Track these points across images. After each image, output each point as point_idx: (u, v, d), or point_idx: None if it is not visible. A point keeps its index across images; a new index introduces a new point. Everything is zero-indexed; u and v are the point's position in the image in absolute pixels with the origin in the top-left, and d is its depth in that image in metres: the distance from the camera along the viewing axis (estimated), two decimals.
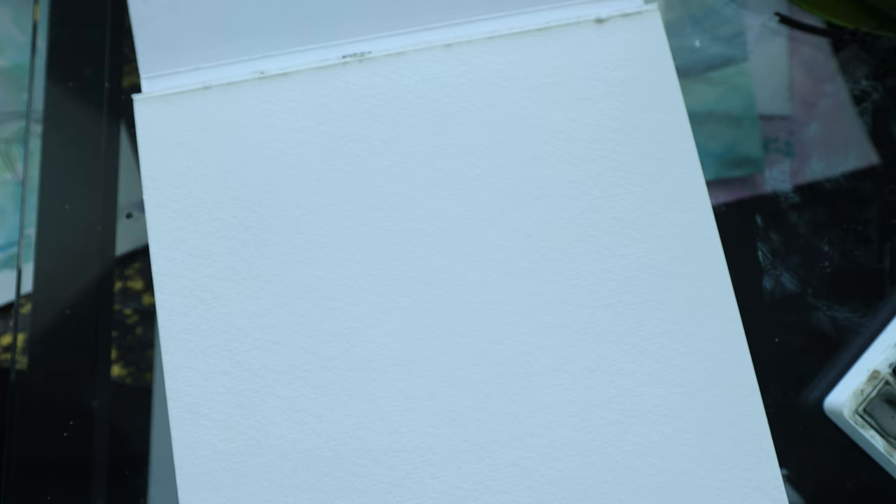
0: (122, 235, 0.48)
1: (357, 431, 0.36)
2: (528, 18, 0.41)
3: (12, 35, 0.53)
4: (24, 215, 0.47)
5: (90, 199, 0.48)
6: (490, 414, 0.36)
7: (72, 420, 0.45)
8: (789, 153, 0.50)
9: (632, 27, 0.40)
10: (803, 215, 0.49)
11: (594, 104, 0.39)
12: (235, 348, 0.36)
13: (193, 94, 0.39)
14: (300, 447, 0.35)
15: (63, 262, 0.47)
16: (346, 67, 0.40)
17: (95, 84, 0.49)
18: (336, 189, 0.38)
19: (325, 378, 0.36)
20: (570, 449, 0.36)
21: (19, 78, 0.52)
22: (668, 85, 0.40)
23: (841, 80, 0.51)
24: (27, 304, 0.47)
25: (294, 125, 0.39)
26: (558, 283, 0.37)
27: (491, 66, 0.40)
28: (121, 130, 0.49)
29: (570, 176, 0.39)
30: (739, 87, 0.51)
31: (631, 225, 0.38)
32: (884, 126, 0.50)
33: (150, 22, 0.40)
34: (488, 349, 0.36)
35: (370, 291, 0.37)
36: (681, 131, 0.39)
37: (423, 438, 0.36)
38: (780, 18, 0.51)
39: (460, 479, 0.35)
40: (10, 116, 0.52)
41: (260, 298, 0.37)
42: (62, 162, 0.48)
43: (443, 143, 0.39)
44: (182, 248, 0.38)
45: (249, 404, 0.36)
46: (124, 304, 0.49)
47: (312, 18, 0.40)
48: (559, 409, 0.36)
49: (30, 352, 0.46)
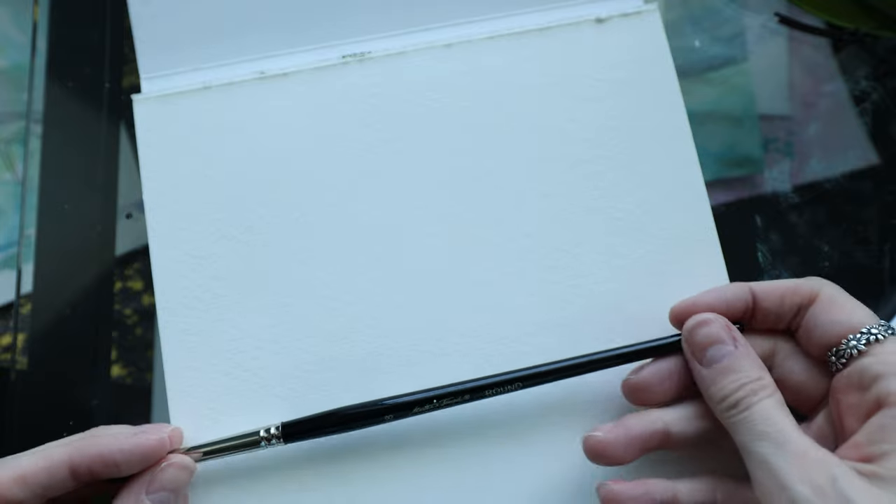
0: (122, 235, 0.48)
1: (357, 431, 0.36)
2: (528, 18, 0.41)
3: (12, 35, 0.53)
4: (24, 215, 0.47)
5: (90, 199, 0.48)
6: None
7: (72, 420, 0.45)
8: (789, 153, 0.50)
9: (631, 27, 0.40)
10: (803, 215, 0.49)
11: (594, 104, 0.39)
12: (235, 348, 0.36)
13: (193, 94, 0.39)
14: (300, 447, 0.35)
15: (63, 262, 0.47)
16: (346, 67, 0.40)
17: (95, 84, 0.49)
18: (336, 189, 0.38)
19: (325, 378, 0.36)
20: (573, 448, 0.36)
21: (19, 78, 0.52)
22: (668, 85, 0.40)
23: (841, 80, 0.51)
24: (27, 304, 0.47)
25: (294, 125, 0.39)
26: (558, 283, 0.37)
27: (491, 66, 0.40)
28: (121, 130, 0.49)
29: (571, 176, 0.39)
30: (739, 87, 0.51)
31: (631, 225, 0.38)
32: (884, 126, 0.50)
33: (150, 22, 0.40)
34: (488, 349, 0.36)
35: (370, 291, 0.37)
36: (681, 131, 0.39)
37: (424, 439, 0.36)
38: (779, 18, 0.51)
39: (461, 476, 0.35)
40: (10, 116, 0.52)
41: (260, 298, 0.37)
42: (62, 162, 0.48)
43: (443, 142, 0.39)
44: (182, 248, 0.38)
45: (249, 404, 0.36)
46: (124, 304, 0.49)
47: (312, 18, 0.41)
48: (559, 409, 0.36)
49: (30, 352, 0.46)
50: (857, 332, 0.31)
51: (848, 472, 0.28)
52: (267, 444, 0.34)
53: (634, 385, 0.34)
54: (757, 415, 0.30)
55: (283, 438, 0.34)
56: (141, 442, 0.32)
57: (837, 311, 0.32)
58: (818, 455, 0.29)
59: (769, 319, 0.34)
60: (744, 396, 0.31)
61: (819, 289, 0.33)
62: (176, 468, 0.33)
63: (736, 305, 0.34)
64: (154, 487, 0.32)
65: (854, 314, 0.32)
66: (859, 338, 0.31)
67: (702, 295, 0.34)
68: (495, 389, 0.34)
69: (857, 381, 0.31)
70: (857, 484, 0.28)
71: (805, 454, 0.29)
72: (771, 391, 0.31)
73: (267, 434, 0.34)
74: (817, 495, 0.28)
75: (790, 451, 0.29)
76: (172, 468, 0.32)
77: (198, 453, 0.34)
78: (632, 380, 0.34)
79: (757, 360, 0.33)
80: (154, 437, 0.33)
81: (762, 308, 0.34)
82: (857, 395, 0.30)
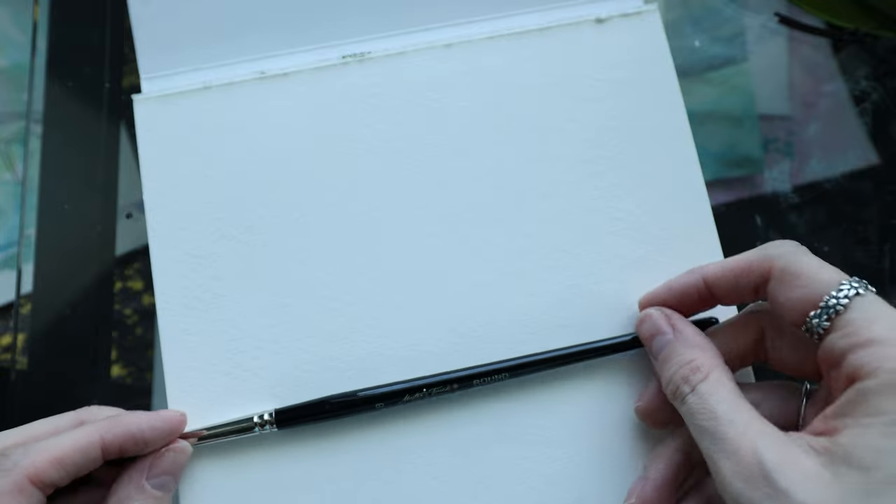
0: (122, 235, 0.48)
1: (357, 432, 0.36)
2: (528, 18, 0.41)
3: (12, 35, 0.53)
4: (24, 215, 0.47)
5: (90, 199, 0.48)
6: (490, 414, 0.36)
7: None
8: (789, 153, 0.50)
9: (631, 27, 0.40)
10: (803, 215, 0.49)
11: (594, 104, 0.39)
12: (235, 348, 0.36)
13: (193, 94, 0.39)
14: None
15: (63, 262, 0.47)
16: (346, 67, 0.40)
17: (95, 84, 0.49)
18: (336, 189, 0.38)
19: (325, 378, 0.36)
20: (570, 449, 0.36)
21: (19, 78, 0.52)
22: (668, 85, 0.40)
23: (841, 80, 0.51)
24: (27, 304, 0.47)
25: (294, 125, 0.39)
26: (558, 283, 0.37)
27: (491, 66, 0.40)
28: (121, 130, 0.49)
29: (570, 176, 0.39)
30: (739, 87, 0.51)
31: (631, 225, 0.38)
32: (884, 126, 0.50)
33: (150, 22, 0.40)
34: (488, 349, 0.36)
35: (370, 291, 0.37)
36: (681, 131, 0.39)
37: (423, 438, 0.36)
38: (780, 18, 0.51)
39: (461, 476, 0.35)
40: (10, 116, 0.52)
41: (260, 298, 0.37)
42: (62, 162, 0.48)
43: (443, 143, 0.39)
44: (182, 248, 0.38)
45: (249, 404, 0.36)
46: (124, 304, 0.49)
47: (312, 18, 0.41)
48: (560, 412, 0.36)
49: (30, 352, 0.46)
50: (818, 306, 0.29)
51: (780, 451, 0.28)
52: (260, 430, 0.34)
53: (643, 411, 0.35)
54: (694, 406, 0.30)
55: (276, 424, 0.34)
56: (167, 417, 0.34)
57: (795, 283, 0.30)
58: (751, 436, 0.28)
59: (732, 300, 0.33)
60: (678, 385, 0.31)
61: (770, 264, 0.31)
62: (175, 452, 0.34)
63: (689, 294, 0.34)
64: (155, 472, 0.33)
65: (812, 283, 0.30)
66: (820, 314, 0.29)
67: (655, 289, 0.35)
68: (483, 379, 0.35)
69: (830, 356, 0.29)
70: (785, 464, 0.27)
71: (738, 443, 0.28)
72: (704, 372, 0.31)
73: (261, 420, 0.34)
74: (750, 486, 0.27)
75: (726, 442, 0.28)
76: (172, 453, 0.33)
77: (195, 438, 0.34)
78: (640, 406, 0.35)
79: (693, 339, 0.32)
80: (178, 413, 0.34)
81: (719, 294, 0.33)
82: (835, 370, 0.29)
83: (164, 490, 0.33)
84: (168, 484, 0.33)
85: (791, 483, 0.27)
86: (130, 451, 0.33)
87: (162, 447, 0.33)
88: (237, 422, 0.35)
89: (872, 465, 0.26)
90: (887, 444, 0.26)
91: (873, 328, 0.28)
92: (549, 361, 0.36)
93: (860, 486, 0.26)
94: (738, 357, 0.34)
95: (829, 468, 0.27)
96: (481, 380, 0.35)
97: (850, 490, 0.26)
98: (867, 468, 0.26)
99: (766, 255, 0.32)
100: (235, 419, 0.35)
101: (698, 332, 0.33)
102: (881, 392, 0.27)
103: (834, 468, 0.27)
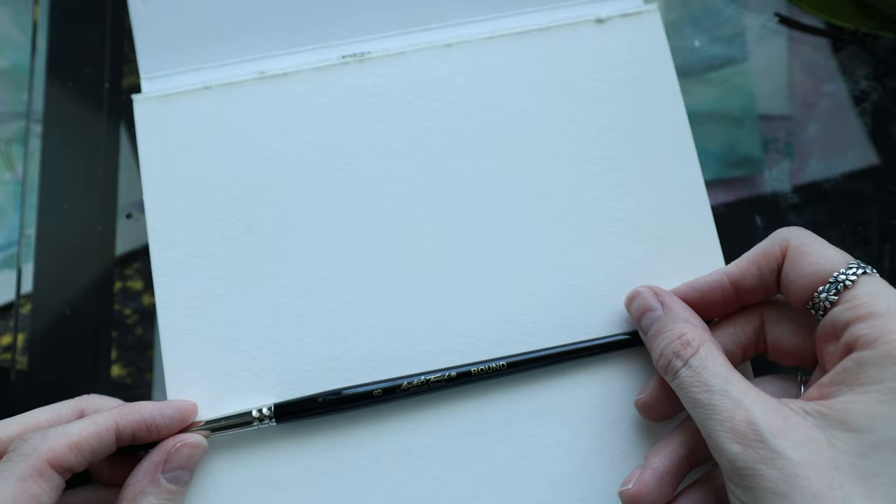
0: (122, 235, 0.48)
1: (357, 432, 0.36)
2: (528, 18, 0.41)
3: (12, 35, 0.53)
4: (24, 215, 0.47)
5: (90, 199, 0.48)
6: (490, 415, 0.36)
7: None
8: (789, 153, 0.50)
9: (631, 27, 0.40)
10: (803, 215, 0.49)
11: (594, 104, 0.39)
12: (235, 348, 0.36)
13: (193, 94, 0.39)
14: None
15: (63, 262, 0.47)
16: (346, 67, 0.40)
17: (95, 84, 0.49)
18: (336, 189, 0.38)
19: (325, 378, 0.36)
20: (570, 449, 0.36)
21: (19, 78, 0.52)
22: (668, 85, 0.40)
23: (841, 80, 0.51)
24: (27, 304, 0.47)
25: (294, 125, 0.39)
26: (558, 283, 0.37)
27: (491, 66, 0.40)
28: (121, 130, 0.49)
29: (570, 176, 0.39)
30: (739, 87, 0.51)
31: (631, 225, 0.38)
32: (883, 126, 0.50)
33: (150, 22, 0.40)
34: (487, 349, 0.36)
35: (370, 291, 0.37)
36: (681, 131, 0.39)
37: (423, 438, 0.36)
38: (780, 18, 0.51)
39: (461, 476, 0.35)
40: (10, 116, 0.52)
41: (260, 298, 0.37)
42: (62, 162, 0.48)
43: (443, 143, 0.39)
44: (182, 248, 0.38)
45: (249, 404, 0.36)
46: (124, 304, 0.49)
47: (312, 18, 0.41)
48: (560, 411, 0.36)
49: (30, 352, 0.46)
50: (827, 281, 0.31)
51: (775, 415, 0.28)
52: (259, 425, 0.35)
53: (643, 404, 0.35)
54: (687, 380, 0.31)
55: (275, 418, 0.35)
56: (178, 406, 0.34)
57: (806, 261, 0.32)
58: (746, 404, 0.29)
59: (759, 294, 0.34)
60: (670, 360, 0.32)
61: (786, 243, 0.33)
62: (190, 447, 0.34)
63: (712, 294, 0.34)
64: (170, 466, 0.33)
65: (822, 261, 0.31)
66: (829, 288, 0.31)
67: (676, 287, 0.35)
68: (481, 370, 0.35)
69: (831, 330, 0.31)
70: (780, 427, 0.28)
71: (733, 412, 0.29)
72: (695, 346, 0.32)
73: (260, 414, 0.35)
74: (745, 449, 0.28)
75: (721, 412, 0.29)
76: (187, 447, 0.34)
77: (207, 432, 0.35)
78: (641, 399, 0.35)
79: (682, 313, 0.33)
80: (188, 402, 0.35)
81: (745, 288, 0.34)
82: (833, 344, 0.30)
83: (179, 484, 0.33)
84: (182, 478, 0.34)
85: (786, 445, 0.28)
86: (142, 438, 0.33)
87: (171, 435, 0.34)
88: (236, 415, 0.35)
89: (866, 429, 0.28)
90: (881, 411, 0.28)
91: (876, 302, 0.29)
92: (547, 358, 0.36)
93: (853, 448, 0.27)
94: (740, 348, 0.34)
95: (823, 431, 0.28)
96: (479, 372, 0.35)
97: (843, 451, 0.28)
98: (860, 432, 0.28)
99: (781, 237, 0.33)
100: (234, 413, 0.35)
101: (686, 308, 0.34)
102: (878, 362, 0.28)
103: (829, 431, 0.28)
